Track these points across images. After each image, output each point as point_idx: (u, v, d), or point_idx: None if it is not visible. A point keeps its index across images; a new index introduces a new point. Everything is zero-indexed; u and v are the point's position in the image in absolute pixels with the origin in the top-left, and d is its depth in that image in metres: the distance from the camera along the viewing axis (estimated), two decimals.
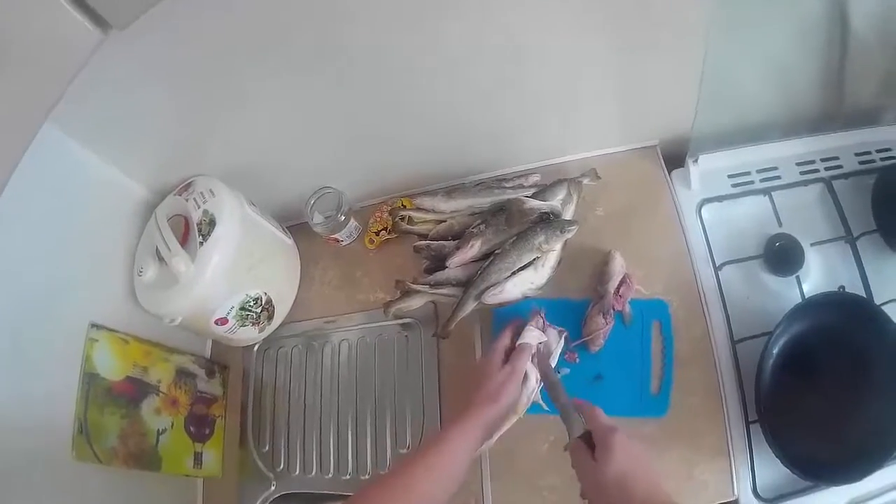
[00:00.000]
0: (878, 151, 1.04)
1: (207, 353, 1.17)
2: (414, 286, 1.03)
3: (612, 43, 0.88)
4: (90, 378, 0.89)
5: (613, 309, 0.96)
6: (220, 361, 1.16)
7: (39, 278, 0.86)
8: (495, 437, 0.86)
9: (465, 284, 0.99)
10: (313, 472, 1.05)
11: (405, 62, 0.87)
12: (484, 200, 1.06)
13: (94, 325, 0.92)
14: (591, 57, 0.91)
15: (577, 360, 0.97)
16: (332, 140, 1.03)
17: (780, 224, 1.00)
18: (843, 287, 0.93)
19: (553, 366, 0.93)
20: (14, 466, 0.78)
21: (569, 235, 0.97)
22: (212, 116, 0.93)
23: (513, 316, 0.96)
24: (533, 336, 0.89)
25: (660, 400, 0.93)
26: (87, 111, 0.84)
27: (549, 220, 0.99)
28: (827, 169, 1.04)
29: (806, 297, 0.94)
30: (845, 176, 1.02)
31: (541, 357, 0.89)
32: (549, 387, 0.86)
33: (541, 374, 0.88)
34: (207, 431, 1.09)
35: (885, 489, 0.86)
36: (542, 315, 0.94)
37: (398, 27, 0.80)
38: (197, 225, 0.96)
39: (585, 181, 1.07)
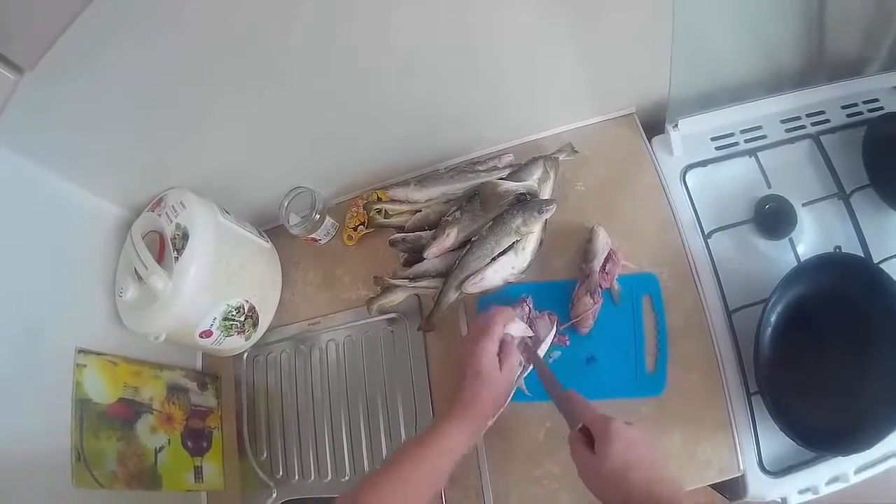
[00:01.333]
0: (865, 103, 1.00)
1: (198, 366, 1.16)
2: (393, 281, 1.01)
3: (571, 9, 0.84)
4: (82, 404, 0.89)
5: (601, 287, 0.93)
6: (211, 373, 1.15)
7: (22, 309, 0.86)
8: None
9: (445, 275, 0.97)
10: (312, 477, 1.04)
11: (357, 57, 0.84)
12: (458, 186, 1.04)
13: (80, 351, 0.92)
14: (550, 27, 0.87)
15: (568, 343, 0.94)
16: (299, 141, 1.01)
17: (769, 185, 0.97)
18: (838, 247, 0.90)
19: (545, 351, 0.91)
20: (16, 501, 0.78)
21: (547, 215, 0.94)
22: (176, 130, 0.92)
23: (499, 302, 0.93)
24: (519, 329, 0.87)
25: (656, 378, 0.90)
26: (52, 139, 0.85)
27: (525, 201, 0.96)
28: (814, 124, 1.00)
29: (801, 260, 0.91)
30: (833, 130, 0.98)
31: (531, 350, 0.87)
32: (544, 380, 0.83)
33: (536, 368, 0.86)
34: (205, 444, 1.09)
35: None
36: (530, 303, 0.92)
37: (345, 23, 0.78)
38: (171, 239, 0.95)
39: (562, 157, 1.03)
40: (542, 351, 0.90)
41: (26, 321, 0.86)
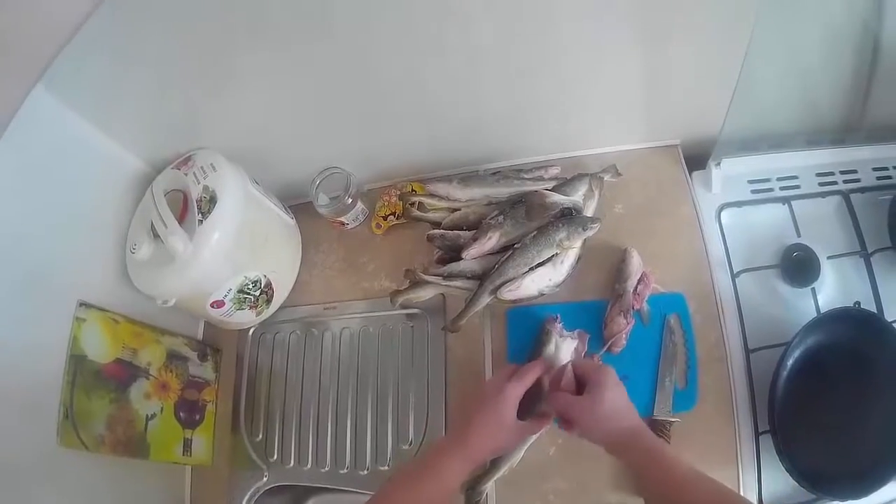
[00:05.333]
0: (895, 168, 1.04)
1: (199, 335, 1.12)
2: (426, 277, 0.98)
3: (643, 34, 0.85)
4: (77, 360, 0.85)
5: (633, 308, 0.94)
6: (212, 344, 1.11)
7: (25, 253, 0.81)
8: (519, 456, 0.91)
9: (480, 278, 0.96)
10: (308, 465, 1.01)
11: (428, 38, 0.82)
12: (502, 191, 1.02)
13: (82, 304, 0.87)
14: (618, 47, 0.87)
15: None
16: (340, 118, 0.98)
17: (798, 234, 0.99)
18: (858, 302, 0.93)
19: None
20: None
21: (591, 233, 0.95)
22: (211, 86, 0.88)
23: (527, 318, 0.95)
24: (570, 347, 0.91)
25: (688, 394, 0.92)
26: (82, 79, 0.80)
27: (570, 216, 0.96)
28: (845, 182, 1.03)
29: (820, 309, 0.94)
30: (862, 190, 1.01)
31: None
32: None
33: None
34: (198, 417, 1.04)
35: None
36: (560, 321, 0.93)
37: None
38: (196, 201, 0.91)
39: (607, 177, 1.04)
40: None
41: (29, 264, 0.82)
